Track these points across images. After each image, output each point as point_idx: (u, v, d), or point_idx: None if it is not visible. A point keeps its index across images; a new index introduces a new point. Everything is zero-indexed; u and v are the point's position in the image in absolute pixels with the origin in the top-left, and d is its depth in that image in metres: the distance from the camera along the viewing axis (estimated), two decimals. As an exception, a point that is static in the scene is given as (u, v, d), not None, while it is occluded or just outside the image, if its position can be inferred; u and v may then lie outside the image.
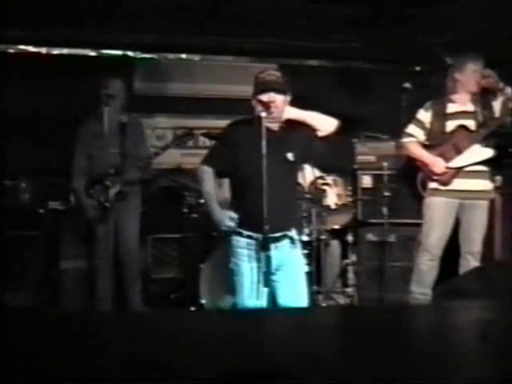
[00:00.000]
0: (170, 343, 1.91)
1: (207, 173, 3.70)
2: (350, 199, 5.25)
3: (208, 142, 6.01)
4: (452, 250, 4.75)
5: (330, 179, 5.11)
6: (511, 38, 5.00)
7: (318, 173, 5.14)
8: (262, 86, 3.59)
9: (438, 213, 4.67)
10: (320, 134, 3.67)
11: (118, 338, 1.97)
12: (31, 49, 5.70)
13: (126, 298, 4.95)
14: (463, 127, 4.64)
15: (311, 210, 5.00)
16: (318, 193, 5.04)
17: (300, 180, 5.06)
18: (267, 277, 3.47)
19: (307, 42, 5.82)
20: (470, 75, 4.64)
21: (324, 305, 5.08)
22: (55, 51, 5.77)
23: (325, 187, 5.07)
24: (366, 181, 5.58)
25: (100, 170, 4.75)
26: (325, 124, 3.69)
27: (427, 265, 4.68)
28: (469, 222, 4.68)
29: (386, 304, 4.91)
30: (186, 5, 4.90)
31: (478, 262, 4.66)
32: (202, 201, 5.03)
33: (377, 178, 5.47)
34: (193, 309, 4.82)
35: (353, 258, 5.56)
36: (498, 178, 5.36)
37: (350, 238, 5.49)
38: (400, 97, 5.04)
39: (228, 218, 3.60)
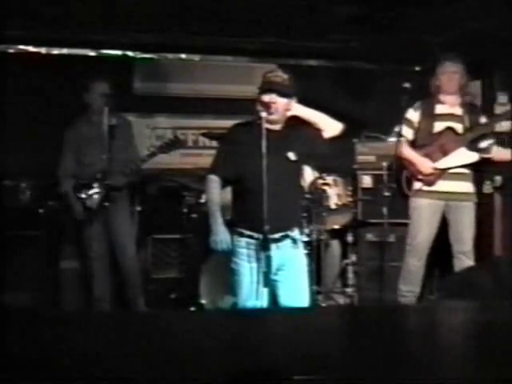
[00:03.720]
0: (170, 343, 1.90)
1: (214, 181, 3.70)
2: (350, 199, 5.25)
3: (208, 142, 6.03)
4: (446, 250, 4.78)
5: (330, 179, 5.11)
6: (510, 37, 5.00)
7: (318, 173, 5.13)
8: (265, 86, 3.61)
9: (424, 214, 4.73)
10: (325, 135, 3.69)
11: (118, 338, 1.97)
12: (31, 49, 5.70)
13: (126, 298, 4.96)
14: (451, 129, 4.69)
15: (311, 210, 5.00)
16: (318, 193, 5.04)
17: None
18: (267, 277, 3.47)
19: (307, 42, 5.81)
20: (449, 77, 4.71)
21: (324, 305, 5.08)
22: (55, 51, 5.76)
23: (325, 187, 5.07)
24: (366, 181, 5.58)
25: (87, 174, 4.77)
26: (331, 126, 3.72)
27: (415, 265, 4.76)
28: (458, 223, 4.72)
29: (386, 304, 4.90)
30: (186, 5, 4.89)
31: (472, 261, 4.71)
32: (202, 201, 5.04)
33: (377, 178, 5.47)
34: (193, 309, 4.82)
35: (353, 258, 5.56)
36: (498, 178, 5.37)
37: (349, 238, 5.48)
38: (400, 97, 5.04)
39: (226, 241, 3.62)
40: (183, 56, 6.15)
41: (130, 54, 5.96)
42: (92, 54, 5.84)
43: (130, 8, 4.91)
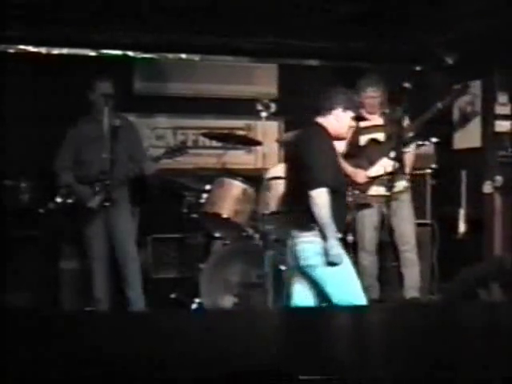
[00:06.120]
0: (170, 343, 1.90)
1: (326, 195, 3.61)
2: (351, 199, 5.24)
3: (208, 142, 6.03)
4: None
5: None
6: (511, 37, 5.00)
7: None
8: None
9: (366, 217, 5.12)
10: None
11: (118, 338, 1.97)
12: (31, 49, 5.69)
13: (126, 298, 4.95)
14: (374, 140, 5.07)
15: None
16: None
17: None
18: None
19: (307, 42, 5.81)
20: (371, 101, 5.08)
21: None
22: (55, 51, 5.76)
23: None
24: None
25: (89, 174, 4.76)
26: None
27: (368, 260, 5.17)
28: (397, 221, 5.10)
29: (386, 304, 4.91)
30: (186, 5, 4.89)
31: (415, 255, 5.14)
32: (202, 201, 5.04)
33: (377, 178, 5.48)
34: (193, 309, 4.82)
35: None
36: (499, 178, 5.38)
37: (350, 237, 5.47)
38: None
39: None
40: (183, 56, 6.14)
41: (130, 53, 5.95)
42: (92, 53, 5.83)
43: (130, 8, 4.91)
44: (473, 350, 1.87)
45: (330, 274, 3.65)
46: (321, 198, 3.58)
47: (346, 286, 3.68)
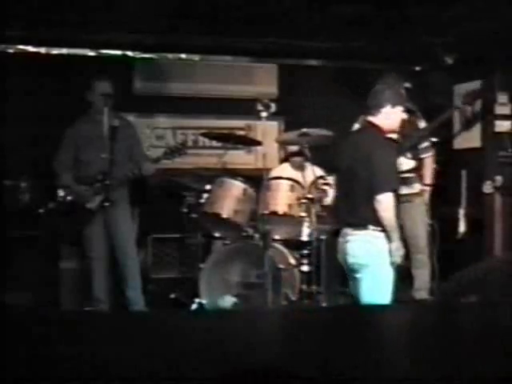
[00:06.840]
0: (170, 343, 1.90)
1: (392, 199, 3.70)
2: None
3: (208, 142, 6.03)
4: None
5: (330, 179, 5.10)
6: (511, 37, 5.00)
7: (318, 172, 5.13)
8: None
9: None
10: None
11: (118, 338, 1.97)
12: (31, 49, 5.70)
13: (126, 298, 4.95)
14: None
15: (311, 209, 4.99)
16: (318, 193, 5.03)
17: (300, 180, 5.06)
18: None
19: (307, 42, 5.81)
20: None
21: (324, 305, 5.07)
22: (55, 51, 5.77)
23: (325, 187, 5.06)
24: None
25: (88, 175, 4.76)
26: None
27: None
28: (409, 222, 4.97)
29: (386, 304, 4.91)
30: (186, 5, 4.89)
31: (426, 256, 5.09)
32: (202, 201, 5.04)
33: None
34: (193, 309, 4.82)
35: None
36: (499, 178, 5.38)
37: (350, 237, 5.47)
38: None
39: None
40: (183, 56, 6.14)
41: (129, 53, 5.95)
42: (92, 53, 5.83)
43: (130, 8, 4.91)
44: (472, 349, 1.88)
45: (373, 275, 3.71)
46: (388, 203, 3.66)
47: (381, 291, 3.71)
